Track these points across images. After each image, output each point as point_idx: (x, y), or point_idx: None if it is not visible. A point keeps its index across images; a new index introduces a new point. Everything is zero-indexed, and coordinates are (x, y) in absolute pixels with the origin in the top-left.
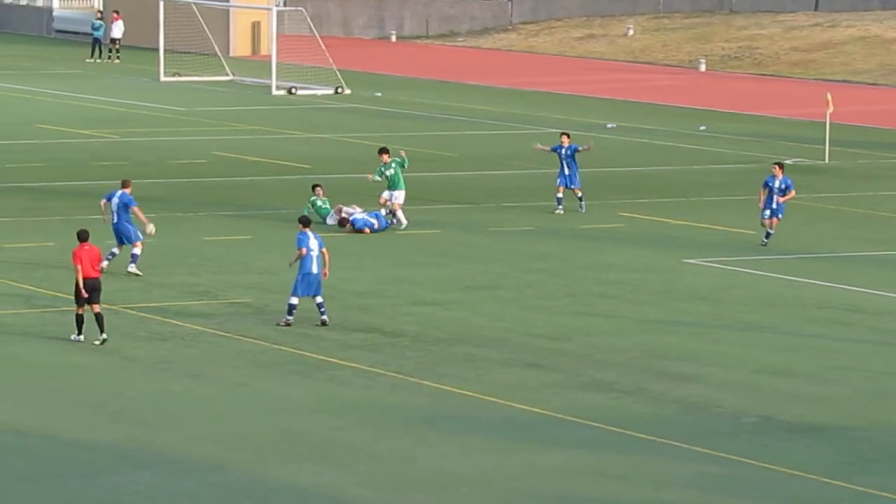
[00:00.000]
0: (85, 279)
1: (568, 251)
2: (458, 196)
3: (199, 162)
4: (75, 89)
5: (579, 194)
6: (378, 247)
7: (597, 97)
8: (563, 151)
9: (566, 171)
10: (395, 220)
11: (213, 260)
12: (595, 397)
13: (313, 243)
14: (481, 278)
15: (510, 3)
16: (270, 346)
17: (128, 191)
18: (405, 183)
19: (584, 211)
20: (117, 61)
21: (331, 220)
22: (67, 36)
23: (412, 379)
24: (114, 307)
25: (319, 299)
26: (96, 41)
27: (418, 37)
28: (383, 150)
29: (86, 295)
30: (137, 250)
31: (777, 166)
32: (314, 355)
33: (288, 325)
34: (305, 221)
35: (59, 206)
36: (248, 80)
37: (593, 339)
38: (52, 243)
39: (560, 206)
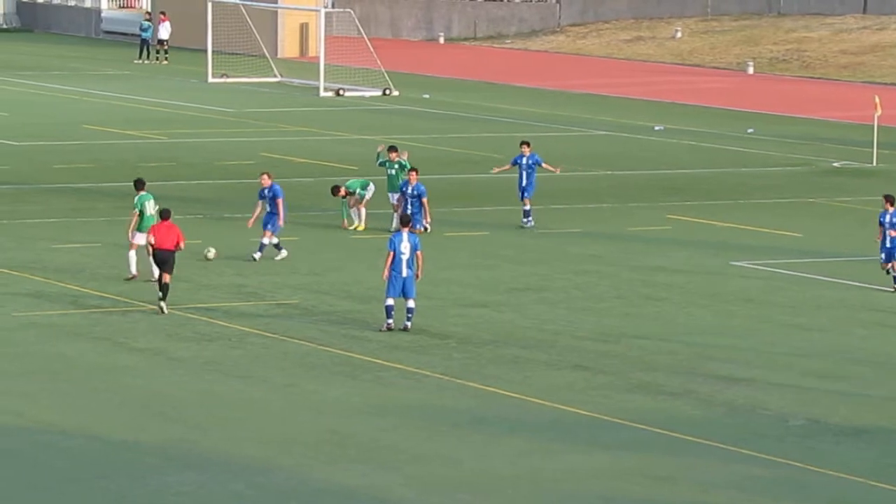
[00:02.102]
0: (156, 250)
1: (616, 253)
2: (506, 198)
3: (246, 163)
4: (123, 90)
5: (527, 206)
6: (426, 249)
7: (644, 99)
8: (524, 161)
9: (523, 182)
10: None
11: (261, 261)
12: (642, 399)
13: (405, 245)
14: (529, 280)
15: (558, 4)
16: (317, 348)
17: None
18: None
19: (529, 227)
20: (165, 62)
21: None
22: (115, 37)
23: (459, 380)
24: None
25: (411, 303)
26: (144, 42)
27: (466, 39)
28: (392, 149)
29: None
30: (266, 240)
31: (886, 200)
32: (361, 356)
33: (389, 329)
34: (405, 220)
35: (105, 206)
36: (296, 81)
37: (641, 341)
38: (98, 244)
39: (529, 219)
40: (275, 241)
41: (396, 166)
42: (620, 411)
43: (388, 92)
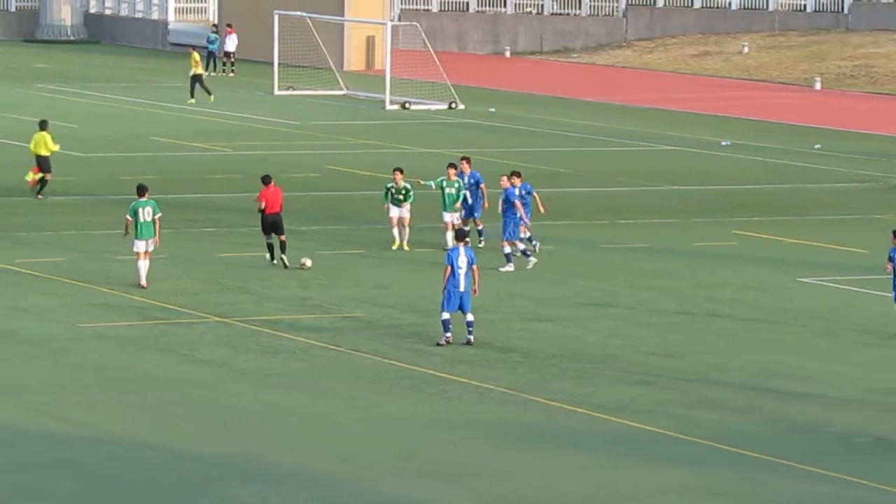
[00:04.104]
0: (266, 214)
1: (681, 268)
2: (572, 212)
3: (312, 176)
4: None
5: (480, 227)
6: (490, 262)
7: (711, 114)
8: (467, 180)
9: (469, 201)
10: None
11: (325, 273)
12: (707, 415)
13: (462, 260)
14: (594, 295)
15: (625, 19)
16: (382, 361)
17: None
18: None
19: (482, 245)
20: (231, 75)
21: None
22: (182, 49)
23: (523, 395)
24: (226, 320)
25: (469, 317)
26: (211, 54)
27: (532, 52)
28: (451, 165)
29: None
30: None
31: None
32: (425, 370)
33: (448, 342)
34: (461, 235)
35: (172, 217)
36: (362, 94)
37: (706, 356)
38: (164, 255)
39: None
40: (521, 247)
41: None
42: (685, 427)
43: (453, 105)
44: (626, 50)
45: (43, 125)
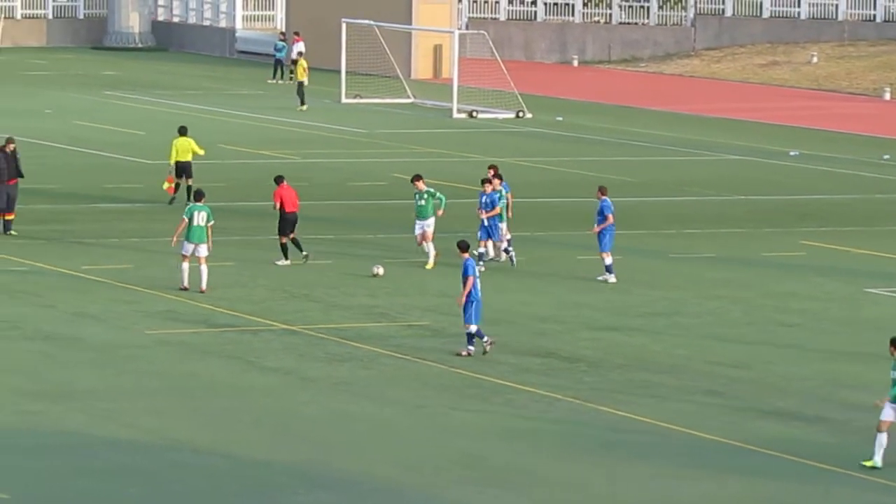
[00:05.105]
0: (288, 213)
1: (749, 278)
2: (639, 222)
3: (379, 184)
4: (257, 110)
5: (482, 249)
6: (557, 271)
7: (779, 124)
8: (484, 199)
9: (485, 223)
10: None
11: (391, 282)
12: (775, 426)
13: (478, 271)
14: (661, 304)
15: (693, 28)
16: (448, 370)
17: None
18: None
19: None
20: None
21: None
22: (249, 57)
23: (589, 404)
24: (293, 328)
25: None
26: (278, 62)
27: (600, 62)
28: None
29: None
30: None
31: None
32: (491, 379)
33: (469, 354)
34: (464, 246)
35: (238, 225)
36: (429, 102)
37: (774, 367)
38: (231, 263)
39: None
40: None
41: (426, 195)
42: (753, 437)
43: (521, 114)
44: (694, 59)
45: (183, 131)
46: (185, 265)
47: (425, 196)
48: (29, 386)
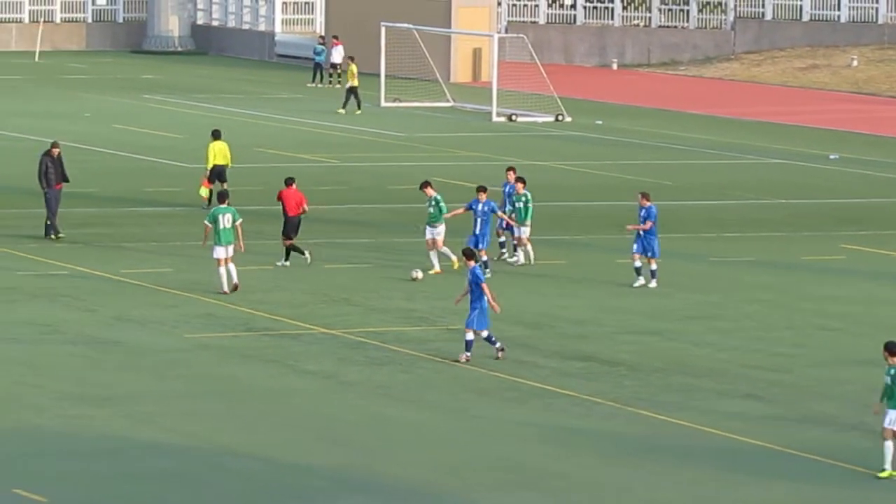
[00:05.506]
0: (290, 217)
1: (789, 282)
2: (679, 226)
3: (418, 188)
4: (296, 113)
5: (485, 257)
6: (596, 275)
7: (819, 128)
8: (480, 208)
9: (477, 231)
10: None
11: (430, 286)
12: (815, 430)
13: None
14: (700, 308)
15: (733, 32)
16: (487, 373)
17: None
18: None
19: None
20: (338, 86)
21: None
22: (289, 60)
23: (629, 408)
24: (333, 332)
25: (485, 333)
26: (317, 66)
27: (640, 65)
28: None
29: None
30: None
31: None
32: (531, 383)
33: (468, 360)
34: (470, 254)
35: (275, 230)
36: (469, 106)
37: (814, 371)
38: (269, 267)
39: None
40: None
41: (433, 202)
42: (792, 441)
43: (560, 118)
44: (733, 63)
45: (217, 135)
46: (222, 269)
47: (433, 203)
48: (71, 390)
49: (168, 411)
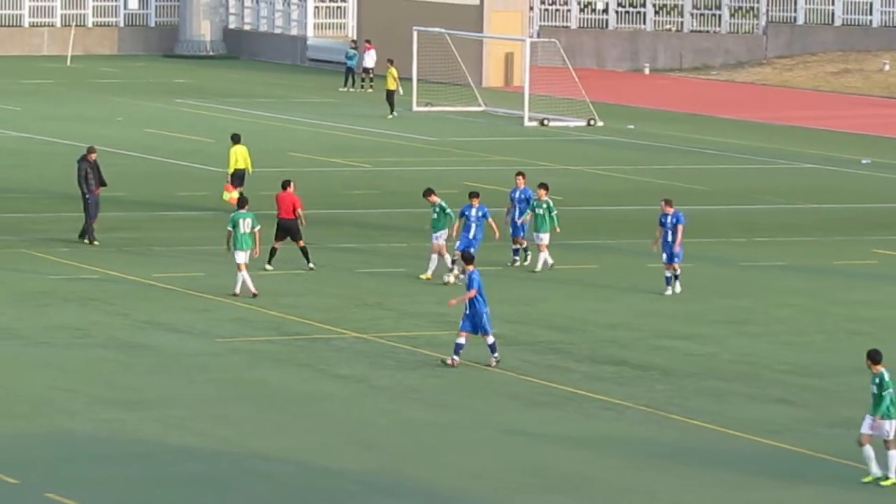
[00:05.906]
0: (279, 219)
1: (820, 287)
2: (710, 230)
3: (449, 192)
4: (328, 118)
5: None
6: (629, 280)
7: (851, 132)
8: (473, 213)
9: (471, 235)
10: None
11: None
12: (846, 435)
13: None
14: (731, 313)
15: (765, 36)
16: (518, 378)
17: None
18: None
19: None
20: (370, 90)
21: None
22: (320, 65)
23: (661, 412)
24: (365, 336)
25: (490, 339)
26: (349, 70)
27: (671, 70)
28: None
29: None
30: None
31: None
32: (562, 387)
33: (454, 364)
34: (469, 258)
35: (308, 233)
36: (501, 110)
37: (844, 376)
38: (300, 270)
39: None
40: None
41: (437, 209)
42: (822, 446)
43: (592, 122)
44: (765, 67)
45: (237, 139)
46: (242, 273)
47: (437, 209)
48: (103, 394)
49: (199, 415)
